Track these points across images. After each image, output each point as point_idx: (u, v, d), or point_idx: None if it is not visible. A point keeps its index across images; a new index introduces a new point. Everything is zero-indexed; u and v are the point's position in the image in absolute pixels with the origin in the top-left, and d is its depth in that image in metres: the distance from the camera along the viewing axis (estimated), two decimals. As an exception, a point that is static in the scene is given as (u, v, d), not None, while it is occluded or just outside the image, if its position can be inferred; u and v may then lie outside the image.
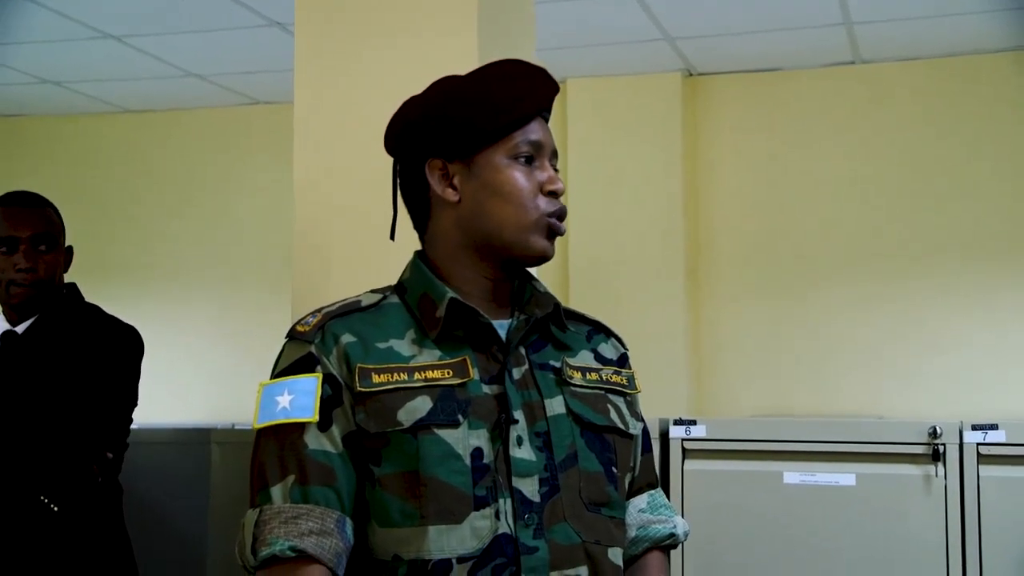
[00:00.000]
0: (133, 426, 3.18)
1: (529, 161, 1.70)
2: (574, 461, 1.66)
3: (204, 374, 5.96)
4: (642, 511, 1.82)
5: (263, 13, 4.65)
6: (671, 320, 5.29)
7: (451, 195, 1.70)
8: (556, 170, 1.74)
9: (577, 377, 1.72)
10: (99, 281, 5.74)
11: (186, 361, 5.97)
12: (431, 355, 1.65)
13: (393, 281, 1.81)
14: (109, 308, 3.10)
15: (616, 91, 5.46)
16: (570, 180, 5.33)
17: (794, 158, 5.41)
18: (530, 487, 1.61)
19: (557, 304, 1.74)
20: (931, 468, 3.31)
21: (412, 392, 1.61)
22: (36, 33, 4.91)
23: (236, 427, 4.88)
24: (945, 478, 3.29)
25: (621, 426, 1.75)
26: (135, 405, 2.97)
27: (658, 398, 4.97)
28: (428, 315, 1.68)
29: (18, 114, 6.26)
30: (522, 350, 1.70)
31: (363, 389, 1.61)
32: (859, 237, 5.29)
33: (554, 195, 1.70)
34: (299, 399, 1.62)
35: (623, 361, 1.85)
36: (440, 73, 2.28)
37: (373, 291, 1.76)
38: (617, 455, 1.73)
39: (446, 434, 1.59)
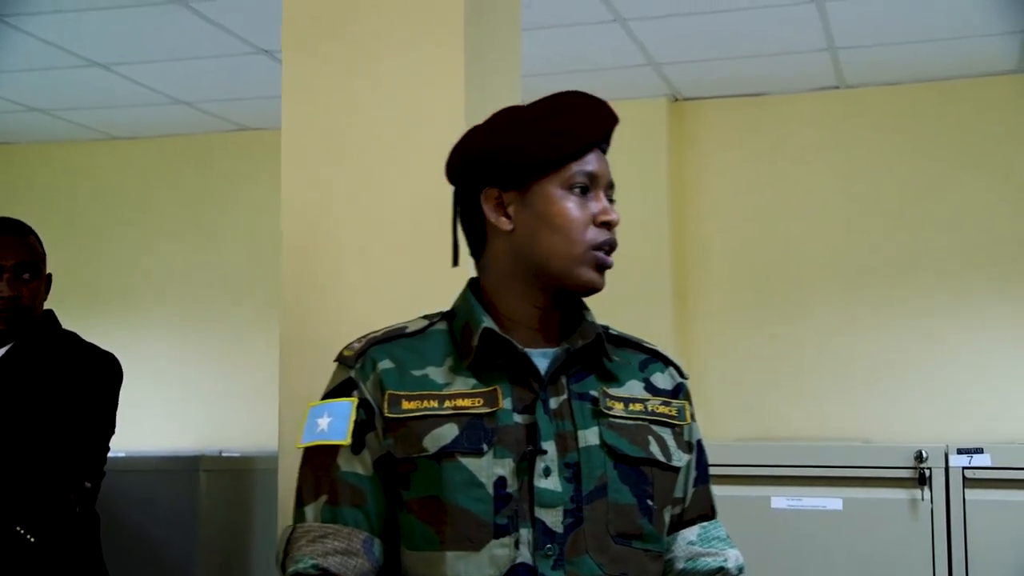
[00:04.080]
0: (119, 454, 3.16)
1: (584, 191, 1.71)
2: (603, 493, 1.65)
3: (192, 401, 5.94)
4: (691, 543, 1.79)
5: (250, 41, 4.67)
6: (658, 344, 5.28)
7: (505, 224, 1.72)
8: (612, 201, 1.77)
9: (618, 408, 1.71)
10: (86, 307, 5.75)
11: (174, 388, 5.95)
12: (465, 383, 1.67)
13: (379, 304, 1.84)
14: (95, 334, 3.09)
15: (602, 117, 5.46)
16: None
17: (780, 182, 5.43)
18: (553, 518, 1.61)
19: (599, 335, 1.74)
20: (917, 492, 3.32)
21: (440, 420, 1.64)
22: (23, 61, 4.91)
23: (224, 454, 4.87)
24: (931, 502, 3.30)
25: (661, 458, 1.72)
26: (112, 433, 2.95)
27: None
28: (466, 343, 1.70)
29: (5, 142, 6.26)
30: (563, 380, 1.70)
31: (391, 415, 1.66)
32: (844, 260, 5.31)
33: (607, 226, 1.72)
34: (336, 422, 1.68)
35: (677, 391, 1.82)
36: (426, 99, 2.30)
37: (424, 316, 1.79)
38: (655, 487, 1.71)
39: (469, 462, 1.62)
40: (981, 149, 5.19)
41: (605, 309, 5.91)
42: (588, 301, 1.81)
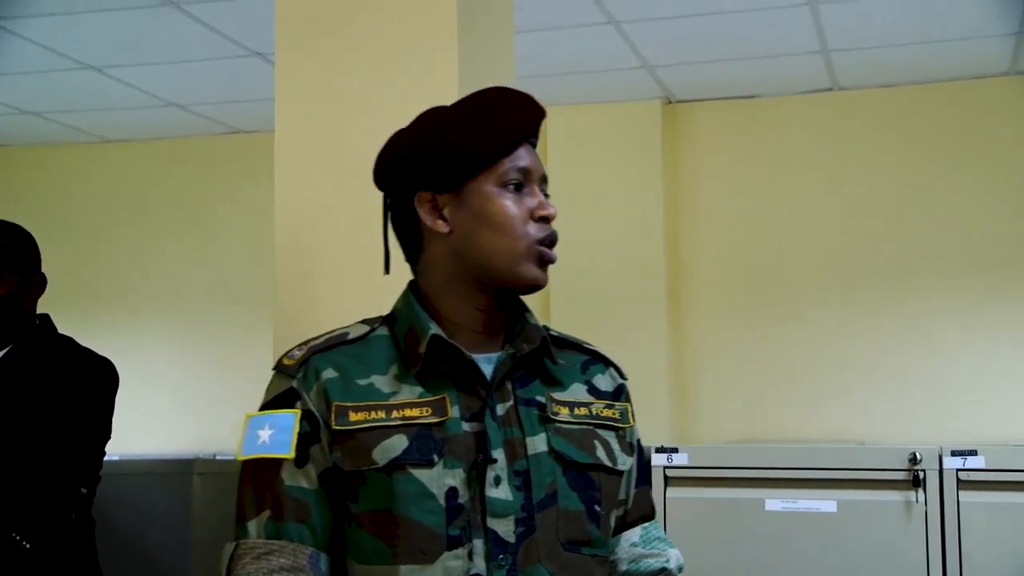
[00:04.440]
0: (114, 457, 3.15)
1: (518, 188, 1.68)
2: (553, 501, 1.63)
3: (186, 404, 5.94)
4: (634, 545, 1.80)
5: (243, 43, 4.67)
6: (652, 346, 5.30)
7: (442, 227, 1.68)
8: (546, 195, 1.72)
9: (564, 413, 1.69)
10: (80, 311, 5.73)
11: (168, 391, 5.95)
12: (412, 392, 1.63)
13: (373, 309, 1.80)
14: (90, 337, 3.08)
15: (596, 119, 5.48)
16: (551, 208, 5.33)
17: (773, 184, 5.44)
18: (505, 527, 1.59)
19: (545, 338, 1.71)
20: (911, 494, 3.32)
21: (388, 431, 1.59)
22: (16, 64, 4.91)
23: (218, 457, 4.86)
24: (925, 504, 3.30)
25: (608, 463, 1.72)
26: (108, 438, 2.94)
27: (640, 425, 4.97)
28: (412, 350, 1.66)
29: (-2, 144, 6.26)
30: (508, 385, 1.67)
31: (339, 427, 1.60)
32: (838, 262, 5.32)
33: (545, 220, 1.68)
34: (278, 434, 1.62)
35: (619, 392, 1.81)
36: (420, 101, 2.29)
37: (363, 321, 1.75)
38: (602, 492, 1.70)
39: (420, 473, 1.57)
40: (974, 151, 5.20)
41: (599, 312, 5.86)
42: (583, 303, 1.79)
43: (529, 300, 1.77)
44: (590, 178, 5.43)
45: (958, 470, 3.30)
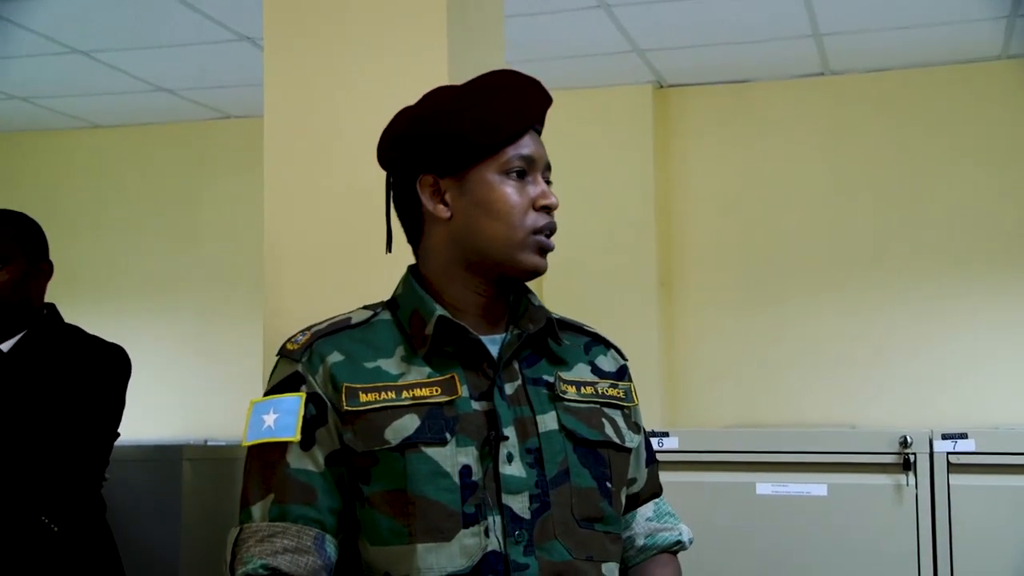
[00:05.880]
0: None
1: (522, 176, 1.69)
2: (566, 478, 1.65)
3: (175, 390, 5.93)
4: (649, 520, 1.85)
5: (232, 27, 4.65)
6: (644, 331, 5.30)
7: (443, 211, 1.69)
8: (549, 183, 1.74)
9: (571, 392, 1.71)
10: (69, 297, 5.69)
11: (157, 377, 5.92)
12: (420, 373, 1.64)
13: (362, 295, 1.80)
14: (78, 323, 3.07)
15: (587, 103, 5.47)
16: (542, 193, 5.32)
17: (764, 169, 5.43)
18: (520, 504, 1.61)
19: (550, 319, 1.73)
20: (902, 478, 3.32)
21: (399, 411, 1.61)
22: (3, 49, 4.88)
23: (208, 443, 4.85)
24: (916, 487, 3.31)
25: (616, 440, 1.74)
26: (119, 424, 2.94)
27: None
28: (418, 332, 1.67)
29: (-13, 130, 6.23)
30: (516, 365, 1.69)
31: (350, 408, 1.61)
32: (829, 247, 5.32)
33: (547, 209, 1.70)
34: (283, 418, 1.63)
35: (622, 373, 1.84)
36: (409, 86, 2.28)
37: (365, 307, 1.76)
38: (612, 470, 1.72)
39: (434, 452, 1.59)
40: (967, 136, 5.20)
41: (590, 297, 5.85)
42: (574, 288, 1.80)
43: (518, 284, 1.77)
44: (581, 163, 5.42)
45: (948, 453, 3.30)
